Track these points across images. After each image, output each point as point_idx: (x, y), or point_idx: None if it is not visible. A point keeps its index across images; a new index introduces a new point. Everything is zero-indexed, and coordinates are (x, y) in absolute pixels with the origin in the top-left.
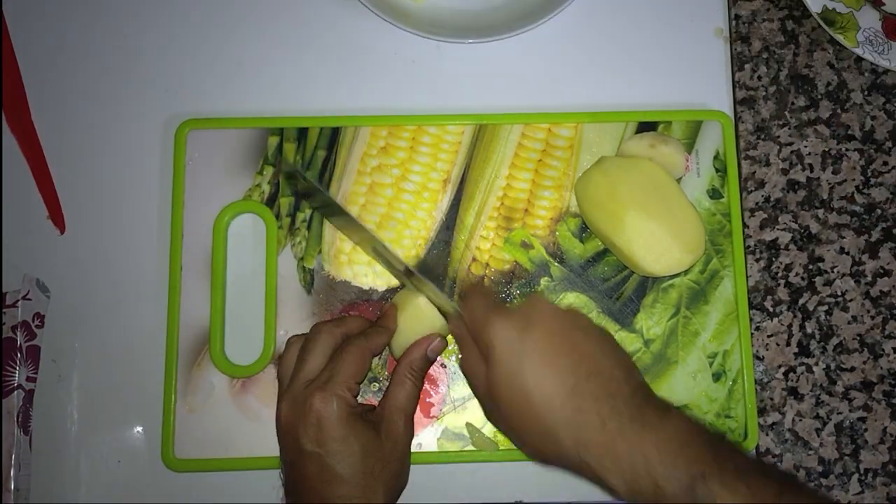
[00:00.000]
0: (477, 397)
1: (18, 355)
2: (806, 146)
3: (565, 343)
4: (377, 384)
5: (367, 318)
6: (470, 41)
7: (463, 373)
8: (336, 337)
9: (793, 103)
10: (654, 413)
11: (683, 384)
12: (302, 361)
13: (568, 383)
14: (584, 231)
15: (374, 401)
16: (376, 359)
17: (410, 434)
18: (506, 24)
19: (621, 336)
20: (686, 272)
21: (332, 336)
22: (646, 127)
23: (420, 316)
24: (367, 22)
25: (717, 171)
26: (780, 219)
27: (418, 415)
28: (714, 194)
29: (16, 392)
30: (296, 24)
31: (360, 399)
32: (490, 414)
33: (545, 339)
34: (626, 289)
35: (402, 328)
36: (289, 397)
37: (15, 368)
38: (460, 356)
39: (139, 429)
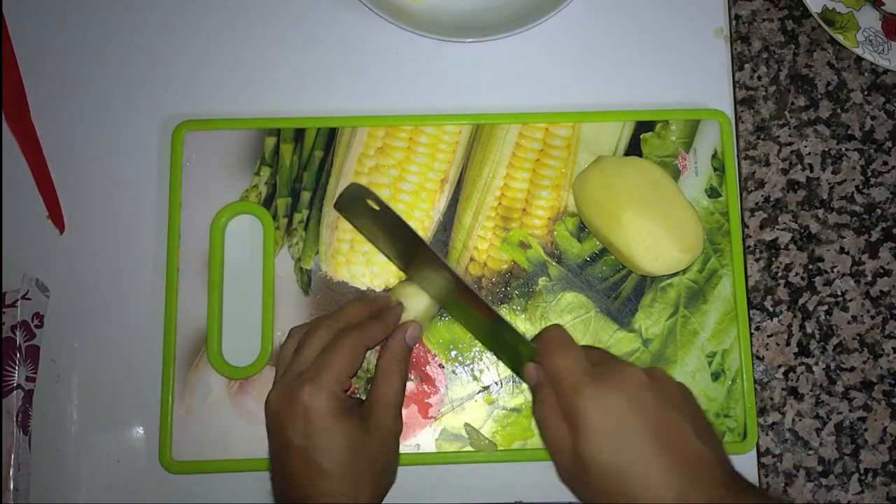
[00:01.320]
0: (550, 453)
1: (18, 355)
2: (806, 146)
3: (665, 429)
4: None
5: (369, 307)
6: (470, 41)
7: (537, 422)
8: (334, 331)
9: (793, 103)
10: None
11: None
12: (297, 353)
13: (674, 486)
14: (582, 231)
15: None
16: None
17: (399, 428)
18: (505, 23)
19: (620, 336)
20: (684, 271)
21: (329, 330)
22: (643, 126)
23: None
24: (366, 21)
25: (716, 169)
26: (780, 219)
27: (416, 415)
28: (712, 193)
29: (15, 392)
30: (294, 24)
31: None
32: (568, 475)
33: (645, 419)
34: (624, 288)
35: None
36: (279, 387)
37: (14, 368)
38: (534, 404)
39: (139, 429)
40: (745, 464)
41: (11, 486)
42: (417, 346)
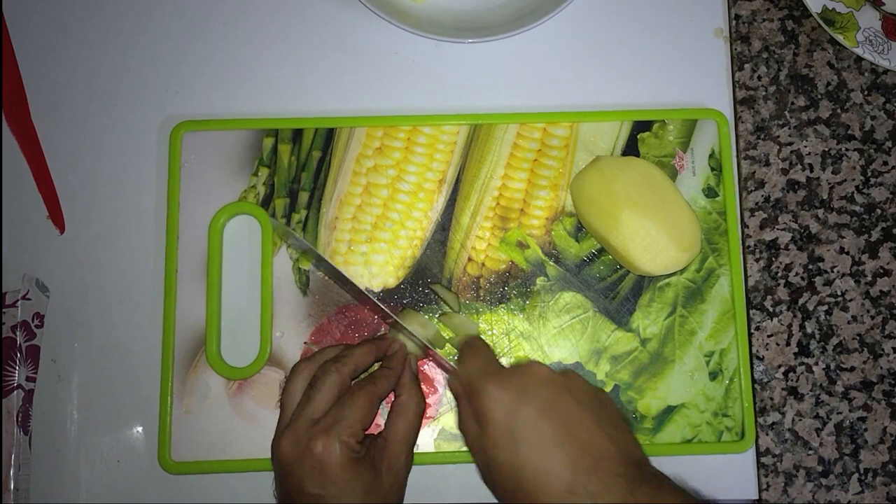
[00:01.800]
0: (471, 454)
1: (18, 355)
2: (806, 146)
3: (562, 421)
4: None
5: (374, 351)
6: (469, 41)
7: (459, 429)
8: (344, 377)
9: (793, 103)
10: (649, 493)
11: (680, 383)
12: (308, 399)
13: (565, 479)
14: (580, 230)
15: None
16: None
17: (410, 464)
18: (505, 23)
19: (618, 335)
20: (682, 271)
21: (340, 376)
22: (641, 126)
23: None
24: (365, 21)
25: (713, 169)
26: (779, 219)
27: None
28: (710, 193)
29: (15, 392)
30: (293, 24)
31: None
32: (483, 475)
33: (541, 414)
34: (622, 288)
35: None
36: (291, 434)
37: (15, 368)
38: (457, 413)
39: (139, 429)
40: (744, 463)
41: (11, 486)
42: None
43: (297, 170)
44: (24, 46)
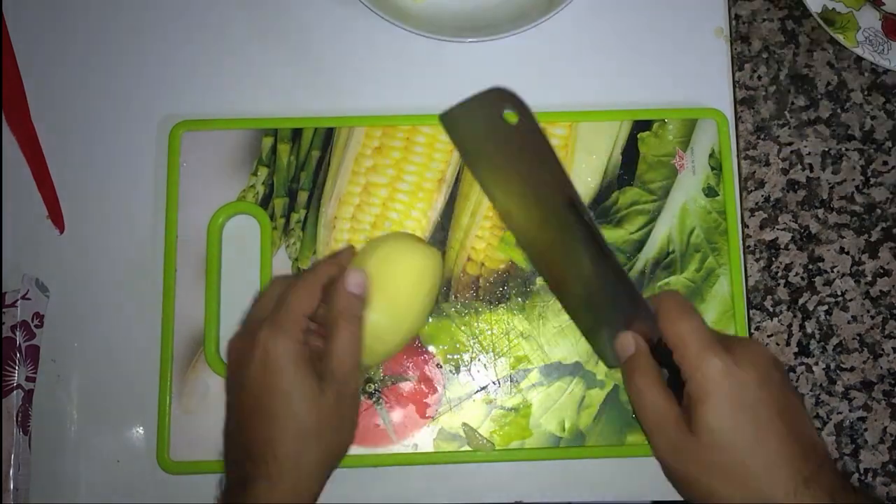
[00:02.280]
0: (648, 427)
1: (18, 355)
2: (806, 146)
3: (791, 412)
4: (372, 384)
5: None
6: (470, 41)
7: (633, 393)
8: (306, 283)
9: (793, 103)
10: (844, 486)
11: None
12: (262, 296)
13: (795, 473)
14: None
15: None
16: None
17: (356, 384)
18: (505, 23)
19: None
20: (682, 270)
21: (299, 280)
22: (641, 126)
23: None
24: (364, 21)
25: (713, 168)
26: (779, 219)
27: (414, 415)
28: (709, 192)
29: (15, 392)
30: (292, 24)
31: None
32: (671, 455)
33: (776, 397)
34: None
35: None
36: (241, 331)
37: (14, 368)
38: (631, 375)
39: (139, 428)
40: None
41: (11, 486)
42: (416, 345)
43: (296, 169)
44: (24, 46)
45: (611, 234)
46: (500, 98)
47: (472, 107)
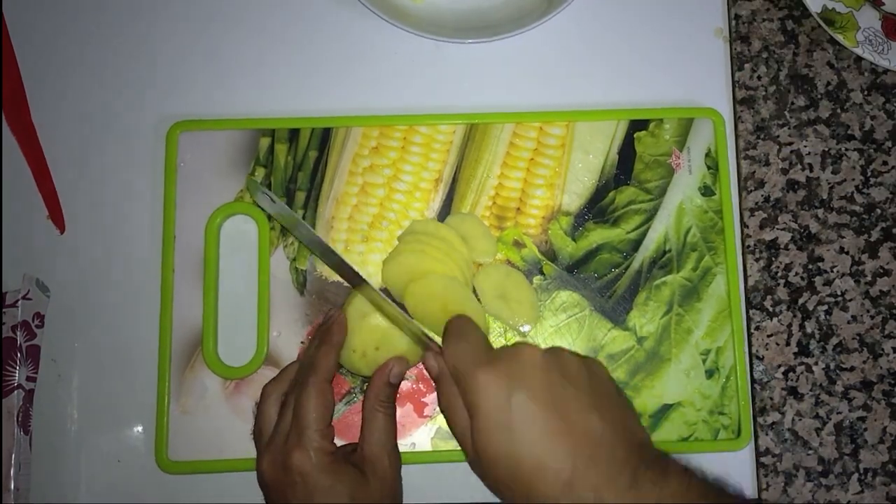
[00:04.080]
0: (458, 441)
1: (18, 355)
2: (806, 146)
3: (557, 408)
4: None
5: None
6: (470, 41)
7: (441, 412)
8: (316, 382)
9: (792, 103)
10: (652, 478)
11: (677, 381)
12: (281, 417)
13: (564, 472)
14: (577, 229)
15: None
16: (351, 375)
17: (397, 466)
18: (505, 23)
19: (614, 334)
20: (679, 269)
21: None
22: (637, 125)
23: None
24: (364, 21)
25: (709, 168)
26: (779, 218)
27: (412, 414)
28: (706, 191)
29: (16, 392)
30: (291, 24)
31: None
32: (472, 464)
33: (535, 402)
34: (618, 286)
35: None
36: (269, 455)
37: (15, 368)
38: (438, 394)
39: (139, 428)
40: (741, 461)
41: (11, 486)
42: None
43: (293, 169)
44: (24, 46)
45: (607, 234)
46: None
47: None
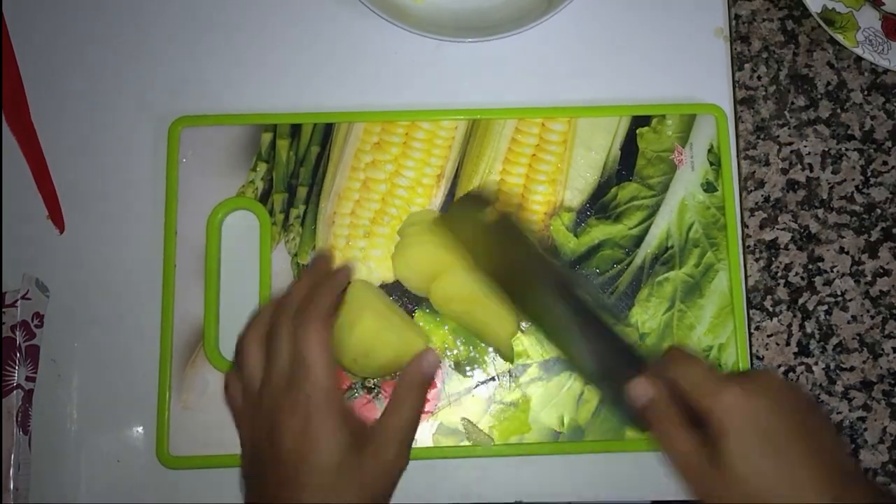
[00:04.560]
0: (680, 471)
1: (18, 355)
2: (806, 146)
3: (810, 433)
4: (372, 379)
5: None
6: (470, 41)
7: (659, 440)
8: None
9: (793, 103)
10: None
11: None
12: (270, 363)
13: (828, 494)
14: (578, 225)
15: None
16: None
17: (402, 464)
18: (505, 23)
19: (616, 330)
20: (681, 265)
21: (289, 322)
22: (639, 122)
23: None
24: (365, 21)
25: (712, 164)
26: (779, 218)
27: None
28: (708, 188)
29: (15, 392)
30: (292, 22)
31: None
32: (705, 495)
33: (793, 424)
34: (620, 283)
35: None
36: (266, 401)
37: (14, 368)
38: (652, 423)
39: (139, 428)
40: None
41: (11, 486)
42: None
43: (295, 165)
44: (24, 46)
45: (609, 230)
46: (477, 200)
47: (455, 212)
